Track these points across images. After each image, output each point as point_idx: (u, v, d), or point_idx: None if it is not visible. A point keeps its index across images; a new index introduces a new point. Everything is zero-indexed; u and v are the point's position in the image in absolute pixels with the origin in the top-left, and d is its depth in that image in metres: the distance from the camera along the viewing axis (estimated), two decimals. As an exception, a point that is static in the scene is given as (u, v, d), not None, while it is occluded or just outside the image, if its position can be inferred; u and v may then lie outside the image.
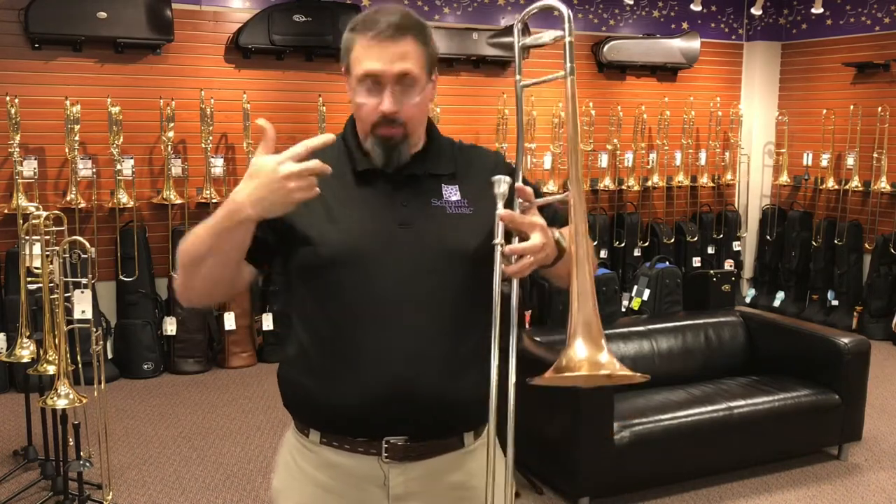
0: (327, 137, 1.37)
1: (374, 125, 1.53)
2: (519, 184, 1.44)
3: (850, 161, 6.85)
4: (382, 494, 1.57)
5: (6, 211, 5.15)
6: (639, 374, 1.29)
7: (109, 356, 5.41)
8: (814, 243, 7.01)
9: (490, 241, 1.44)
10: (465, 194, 1.58)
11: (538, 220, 1.42)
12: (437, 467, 1.58)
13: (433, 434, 1.56)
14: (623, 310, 6.40)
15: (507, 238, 1.41)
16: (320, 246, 1.51)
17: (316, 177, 1.37)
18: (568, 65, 1.41)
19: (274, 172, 1.36)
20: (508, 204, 1.42)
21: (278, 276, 5.22)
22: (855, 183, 6.79)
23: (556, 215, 1.59)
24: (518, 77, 1.52)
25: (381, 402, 1.51)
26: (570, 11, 1.42)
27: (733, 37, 7.60)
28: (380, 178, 1.57)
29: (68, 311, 3.36)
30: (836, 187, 6.99)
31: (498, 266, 1.39)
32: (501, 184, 1.42)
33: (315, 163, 1.36)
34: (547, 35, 1.50)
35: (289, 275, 1.61)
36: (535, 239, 1.40)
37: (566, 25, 1.41)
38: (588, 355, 1.27)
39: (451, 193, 1.59)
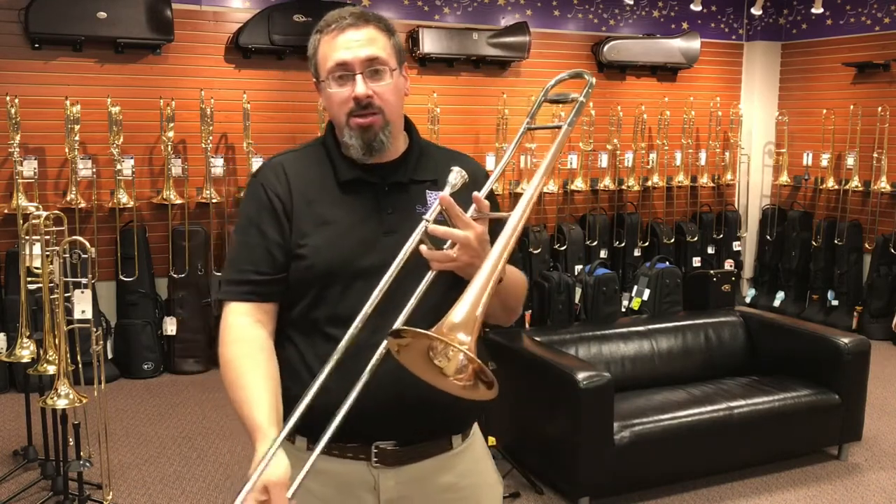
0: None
1: (350, 114, 1.53)
2: (476, 193, 1.45)
3: (850, 161, 6.85)
4: (373, 499, 1.57)
5: (6, 211, 5.15)
6: (491, 367, 1.28)
7: (109, 356, 5.41)
8: (814, 243, 7.01)
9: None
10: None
11: (479, 226, 1.43)
12: (427, 470, 1.58)
13: (422, 437, 1.57)
14: (623, 310, 6.40)
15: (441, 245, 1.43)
16: (308, 258, 1.53)
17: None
18: (570, 118, 1.57)
19: None
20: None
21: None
22: (855, 183, 6.79)
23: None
24: (528, 120, 1.65)
25: (369, 407, 1.49)
26: (593, 80, 1.60)
27: (733, 37, 7.60)
28: (364, 187, 1.58)
29: (68, 311, 3.35)
30: (836, 187, 6.99)
31: (415, 238, 1.41)
32: (457, 175, 1.46)
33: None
34: (566, 96, 1.65)
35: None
36: (465, 232, 1.40)
37: (586, 90, 1.58)
38: (453, 326, 1.26)
39: (435, 199, 1.57)
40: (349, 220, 1.54)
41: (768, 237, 7.48)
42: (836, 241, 6.83)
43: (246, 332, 1.54)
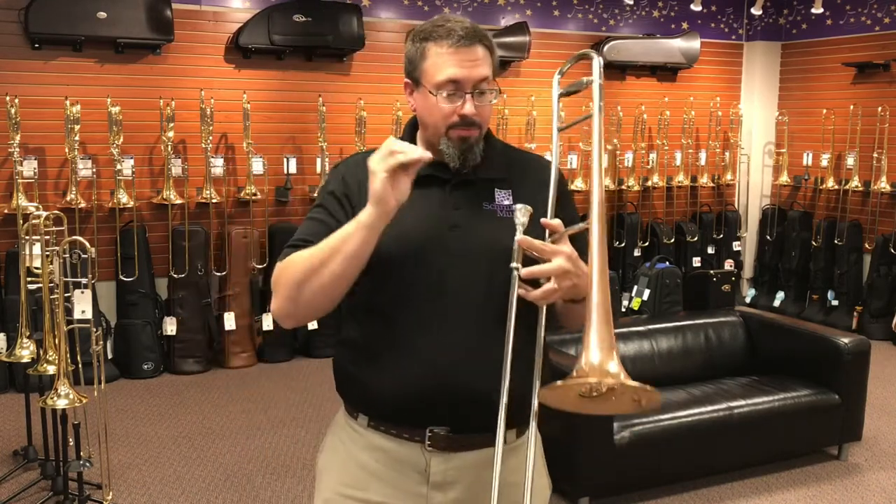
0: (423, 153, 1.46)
1: (451, 127, 1.60)
2: (544, 219, 1.50)
3: (850, 161, 6.86)
4: (422, 480, 1.63)
5: (6, 211, 5.15)
6: (651, 389, 1.28)
7: (109, 356, 5.40)
8: (814, 243, 7.01)
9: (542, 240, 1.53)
10: (518, 199, 1.61)
11: (565, 247, 1.46)
12: (478, 460, 1.62)
13: (474, 428, 1.61)
14: (623, 310, 6.40)
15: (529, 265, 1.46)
16: (376, 245, 1.56)
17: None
18: (597, 104, 1.51)
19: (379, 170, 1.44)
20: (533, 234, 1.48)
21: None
22: (855, 183, 6.79)
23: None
24: (554, 125, 1.65)
25: (423, 393, 1.58)
26: (601, 59, 1.56)
27: (733, 37, 7.60)
28: (435, 182, 1.64)
29: (68, 311, 3.35)
30: (836, 187, 6.99)
31: (514, 290, 1.45)
32: (523, 212, 1.49)
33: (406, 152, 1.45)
34: (579, 83, 1.63)
35: None
36: (556, 262, 1.44)
37: (595, 70, 1.53)
38: (599, 362, 1.26)
39: (504, 198, 1.65)
40: (417, 213, 1.59)
41: (768, 237, 7.48)
42: (836, 241, 6.83)
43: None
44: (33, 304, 4.17)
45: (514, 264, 1.46)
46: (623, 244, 6.97)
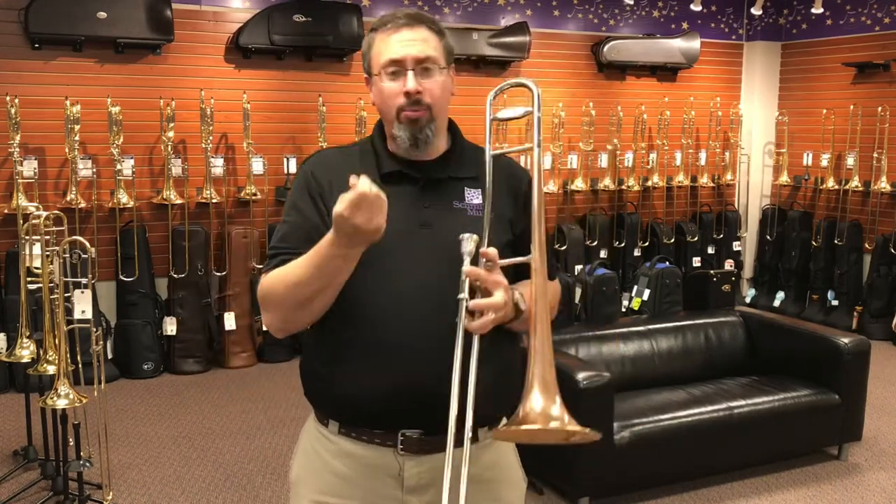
0: (365, 179, 1.42)
1: (400, 109, 1.61)
2: (483, 248, 1.52)
3: (850, 161, 6.85)
4: (397, 485, 1.62)
5: (6, 211, 5.15)
6: (591, 431, 1.37)
7: (109, 356, 5.40)
8: (814, 243, 7.01)
9: (507, 242, 1.58)
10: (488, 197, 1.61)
11: (501, 278, 1.51)
12: (454, 460, 1.60)
13: (447, 428, 1.58)
14: (623, 310, 6.40)
15: (471, 294, 1.50)
16: None
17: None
18: (536, 138, 1.53)
19: (353, 227, 1.42)
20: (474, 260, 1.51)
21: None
22: (855, 183, 6.79)
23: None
24: (488, 147, 1.62)
25: (396, 395, 1.57)
26: (539, 90, 1.54)
27: (733, 37, 7.60)
28: (404, 180, 1.64)
29: (68, 311, 3.35)
30: (836, 187, 6.98)
31: (462, 320, 1.47)
32: (469, 242, 1.51)
33: (363, 192, 1.41)
34: (517, 111, 1.60)
35: None
36: (499, 297, 1.49)
37: (535, 102, 1.54)
38: (543, 408, 1.36)
39: (474, 196, 1.66)
40: (387, 212, 1.58)
41: (768, 237, 7.47)
42: (836, 241, 6.83)
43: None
44: (33, 304, 4.17)
45: (462, 295, 1.48)
46: (623, 244, 6.97)
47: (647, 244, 7.08)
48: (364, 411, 1.60)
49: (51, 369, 3.43)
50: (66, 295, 3.35)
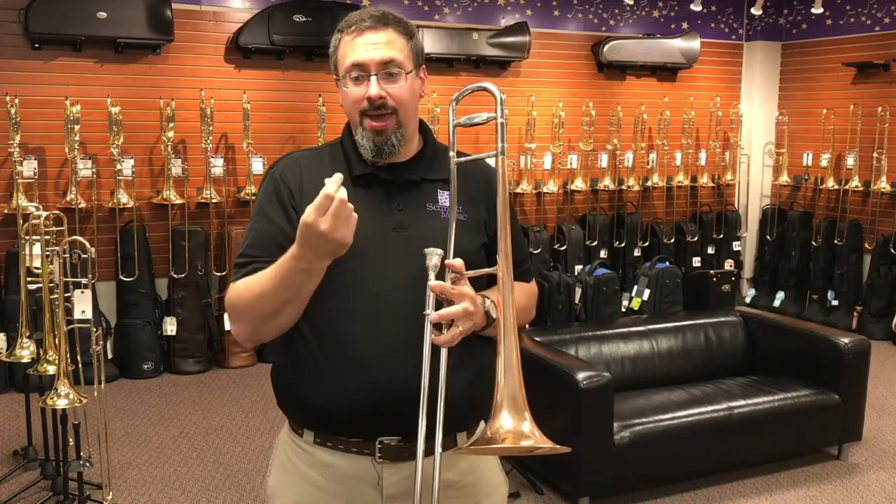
0: (338, 177, 1.38)
1: (363, 114, 1.56)
2: (448, 261, 1.48)
3: (850, 161, 6.85)
4: (376, 494, 1.59)
5: (6, 211, 5.15)
6: (561, 447, 1.35)
7: (109, 356, 5.40)
8: (814, 243, 7.01)
9: (481, 245, 1.57)
10: (460, 200, 1.57)
11: (468, 290, 1.47)
12: (431, 467, 1.57)
13: (426, 435, 1.57)
14: (623, 310, 6.39)
15: (439, 308, 1.46)
16: None
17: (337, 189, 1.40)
18: (499, 145, 1.45)
19: (319, 236, 1.37)
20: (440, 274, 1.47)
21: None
22: (855, 183, 6.79)
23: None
24: (452, 153, 1.55)
25: (372, 402, 1.53)
26: (502, 95, 1.48)
27: (733, 37, 7.60)
28: (376, 183, 1.61)
29: (68, 311, 3.35)
30: (836, 187, 6.98)
31: (428, 336, 1.43)
32: (433, 256, 1.46)
33: (328, 194, 1.36)
34: (480, 116, 1.54)
35: None
36: (461, 306, 1.45)
37: (498, 107, 1.46)
38: (513, 427, 1.34)
39: (447, 199, 1.61)
40: (360, 214, 1.53)
41: (768, 237, 7.47)
42: (836, 241, 6.83)
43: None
44: (33, 304, 4.16)
45: (427, 311, 1.44)
46: (623, 244, 6.97)
47: (647, 244, 7.08)
48: (340, 419, 1.56)
49: (51, 369, 3.43)
50: (66, 295, 3.35)
